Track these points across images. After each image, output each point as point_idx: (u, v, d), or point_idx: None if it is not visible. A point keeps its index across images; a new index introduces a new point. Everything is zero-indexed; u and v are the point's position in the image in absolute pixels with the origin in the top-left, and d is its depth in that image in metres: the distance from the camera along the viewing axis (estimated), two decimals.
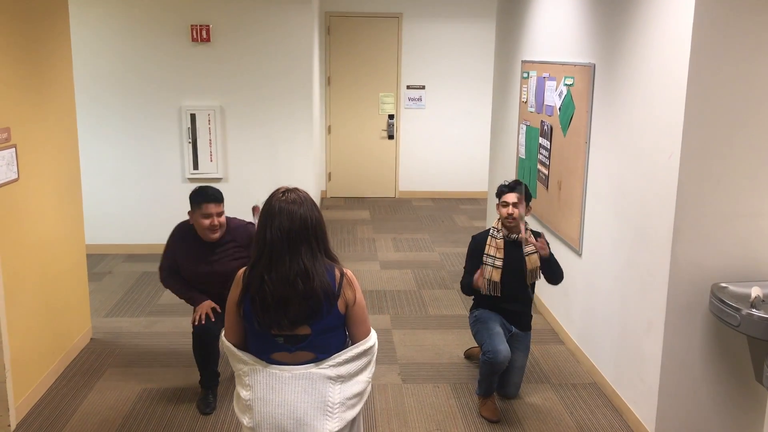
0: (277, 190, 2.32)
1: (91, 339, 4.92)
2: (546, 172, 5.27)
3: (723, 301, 3.19)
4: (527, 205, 4.04)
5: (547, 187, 5.25)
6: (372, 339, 2.38)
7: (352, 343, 2.37)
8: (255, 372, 2.30)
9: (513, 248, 3.97)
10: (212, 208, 3.80)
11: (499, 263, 3.94)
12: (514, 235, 3.97)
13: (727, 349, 3.50)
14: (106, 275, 6.33)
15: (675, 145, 3.36)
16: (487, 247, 4.00)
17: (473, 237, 4.16)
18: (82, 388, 4.24)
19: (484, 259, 3.98)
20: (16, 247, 3.84)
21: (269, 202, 2.28)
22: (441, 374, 4.47)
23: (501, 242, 3.97)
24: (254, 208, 3.54)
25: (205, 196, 3.81)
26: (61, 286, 4.45)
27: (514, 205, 3.92)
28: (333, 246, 2.50)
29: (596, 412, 4.02)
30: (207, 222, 3.80)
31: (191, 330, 3.95)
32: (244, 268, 2.34)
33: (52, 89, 4.35)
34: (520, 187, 3.97)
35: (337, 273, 2.30)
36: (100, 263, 6.62)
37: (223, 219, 3.86)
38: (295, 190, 2.32)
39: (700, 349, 3.51)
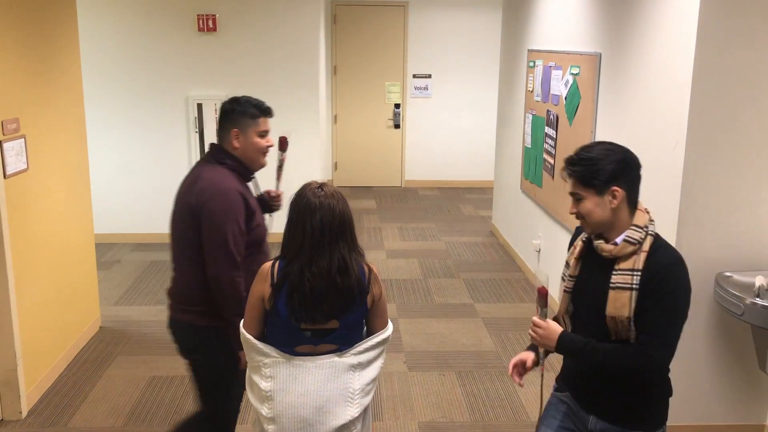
0: (309, 184, 2.32)
1: (100, 327, 4.97)
2: (552, 161, 5.28)
3: (727, 290, 3.21)
4: (607, 190, 2.11)
5: (553, 177, 5.25)
6: (390, 329, 2.42)
7: (369, 334, 2.40)
8: (277, 364, 2.30)
9: (597, 261, 2.18)
10: (268, 122, 2.83)
11: (569, 284, 2.26)
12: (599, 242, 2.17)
13: (730, 338, 3.51)
14: (115, 264, 6.38)
15: (680, 134, 3.36)
16: (570, 250, 2.33)
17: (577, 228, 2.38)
18: (92, 376, 4.29)
19: (563, 271, 2.32)
20: (26, 237, 3.88)
21: (304, 195, 2.28)
22: (446, 362, 4.50)
23: (581, 247, 2.27)
24: (282, 139, 3.02)
25: (262, 108, 2.78)
26: (70, 275, 4.49)
27: (577, 197, 2.18)
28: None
29: None
30: (265, 143, 2.79)
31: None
32: (270, 263, 2.32)
33: (60, 80, 4.37)
34: (580, 167, 2.16)
35: (366, 269, 2.33)
36: (109, 252, 6.67)
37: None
38: (327, 185, 2.32)
39: (703, 338, 3.52)
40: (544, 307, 2.26)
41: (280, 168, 3.09)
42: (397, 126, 9.67)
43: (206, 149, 6.77)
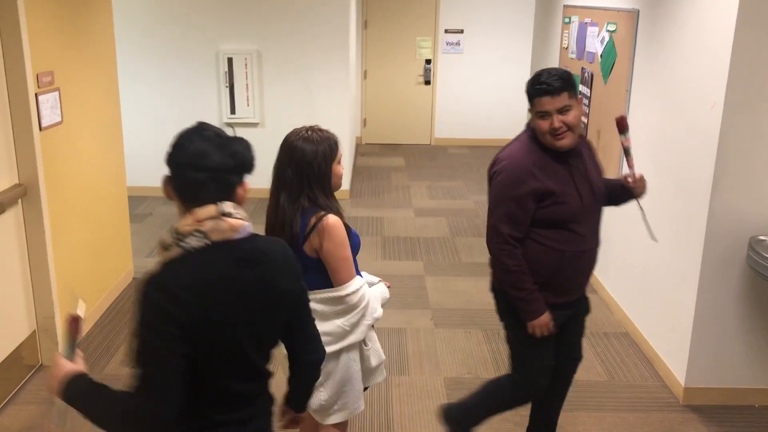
0: (303, 126, 2.39)
1: (133, 278, 5.08)
2: (585, 120, 5.20)
3: (760, 254, 3.16)
4: None
5: (586, 136, 5.18)
6: (345, 289, 2.34)
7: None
8: None
9: None
10: (547, 102, 2.55)
11: None
12: None
13: (762, 303, 3.48)
14: (147, 217, 6.49)
15: (718, 94, 3.28)
16: None
17: None
18: (125, 326, 4.40)
19: None
20: (62, 189, 3.96)
21: (287, 136, 2.38)
22: (472, 320, 4.53)
23: None
24: (619, 120, 2.78)
25: (537, 88, 2.57)
26: (104, 227, 4.58)
27: None
28: (362, 194, 2.50)
29: (627, 360, 4.05)
30: (546, 124, 2.58)
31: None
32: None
33: (93, 33, 4.39)
34: None
35: (313, 219, 2.30)
36: (141, 205, 6.77)
37: (571, 118, 2.55)
38: (311, 128, 2.37)
39: (734, 302, 3.49)
40: (71, 340, 1.69)
41: (626, 153, 2.82)
42: (427, 82, 9.56)
43: (236, 104, 6.86)
